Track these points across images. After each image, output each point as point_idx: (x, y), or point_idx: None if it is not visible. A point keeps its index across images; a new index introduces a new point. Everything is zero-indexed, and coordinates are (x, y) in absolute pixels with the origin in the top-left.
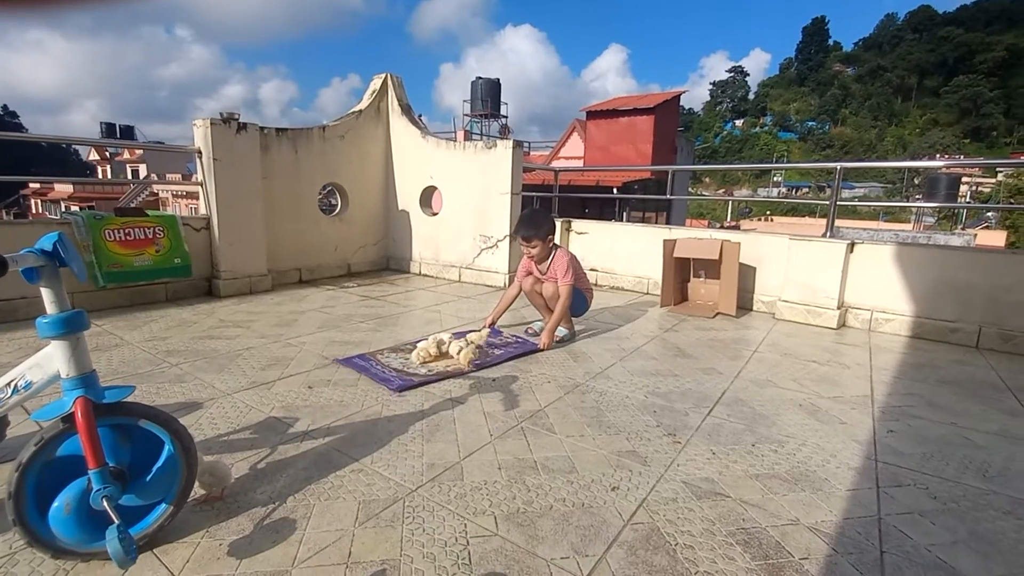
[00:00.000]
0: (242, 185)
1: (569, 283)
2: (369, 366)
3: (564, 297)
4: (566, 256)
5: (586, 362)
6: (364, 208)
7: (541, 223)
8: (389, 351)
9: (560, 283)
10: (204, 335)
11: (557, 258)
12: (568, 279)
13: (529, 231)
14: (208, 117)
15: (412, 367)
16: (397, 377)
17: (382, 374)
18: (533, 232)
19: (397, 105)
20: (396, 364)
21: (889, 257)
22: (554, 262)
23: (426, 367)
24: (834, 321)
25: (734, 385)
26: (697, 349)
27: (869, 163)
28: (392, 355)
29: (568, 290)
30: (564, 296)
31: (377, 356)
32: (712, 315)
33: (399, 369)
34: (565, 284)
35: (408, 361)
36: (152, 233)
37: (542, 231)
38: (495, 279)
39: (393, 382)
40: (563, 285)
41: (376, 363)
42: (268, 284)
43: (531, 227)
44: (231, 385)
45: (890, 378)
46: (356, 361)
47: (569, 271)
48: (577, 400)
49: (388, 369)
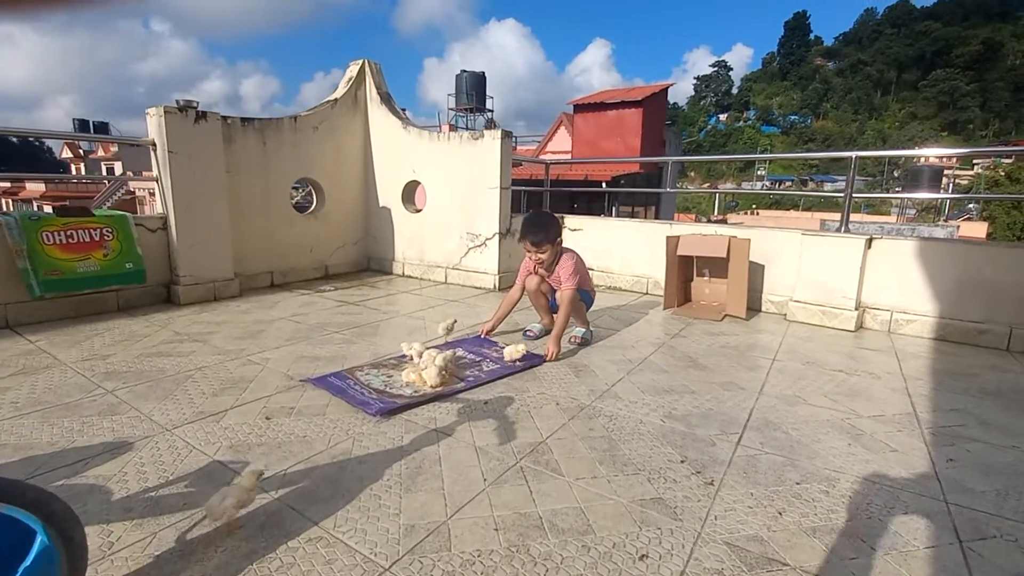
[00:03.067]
0: (203, 180)
1: (572, 287)
2: (346, 386)
3: (567, 303)
4: (572, 258)
5: (589, 377)
6: (342, 205)
7: (549, 225)
8: (369, 367)
9: (564, 286)
10: (153, 352)
11: (563, 260)
12: (572, 283)
13: (538, 235)
14: (162, 105)
15: (396, 386)
16: (378, 399)
17: (360, 396)
18: (543, 236)
19: (376, 93)
20: (377, 383)
21: (910, 253)
22: (559, 264)
23: (411, 387)
24: (852, 323)
25: (760, 403)
26: (710, 358)
27: (883, 152)
28: (373, 372)
29: (571, 295)
30: (567, 302)
31: (355, 374)
32: (720, 317)
33: (380, 389)
34: (568, 288)
35: (391, 379)
36: (99, 235)
37: (551, 234)
38: (484, 280)
39: (372, 405)
40: (566, 289)
41: (354, 382)
42: (235, 289)
43: (539, 230)
44: (173, 417)
45: (928, 390)
46: (331, 381)
47: (575, 274)
48: (584, 427)
49: (367, 390)
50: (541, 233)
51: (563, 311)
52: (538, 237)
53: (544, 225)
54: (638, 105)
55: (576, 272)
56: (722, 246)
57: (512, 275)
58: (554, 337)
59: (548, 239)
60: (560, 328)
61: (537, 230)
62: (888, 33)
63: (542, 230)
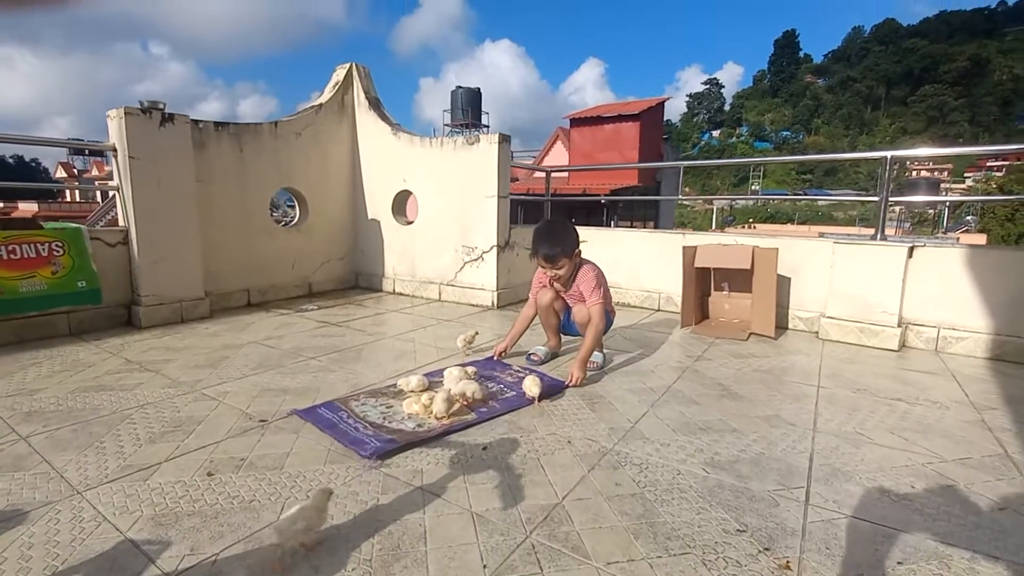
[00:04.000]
0: (169, 189)
1: (600, 302)
2: (338, 420)
3: (596, 319)
4: (593, 270)
5: (607, 411)
6: (327, 217)
7: (563, 235)
8: (366, 396)
9: (588, 303)
10: (92, 385)
11: (582, 273)
12: (598, 297)
13: (553, 248)
14: (124, 106)
15: (397, 418)
16: (374, 436)
17: (353, 433)
18: (558, 249)
19: (364, 98)
20: (375, 415)
21: (957, 263)
22: (579, 278)
23: (415, 420)
24: (895, 341)
25: (819, 444)
26: (744, 385)
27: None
28: (370, 402)
29: (600, 311)
30: (596, 318)
31: (350, 404)
32: (745, 336)
33: (377, 423)
34: (596, 304)
35: (391, 411)
36: (47, 250)
37: (567, 245)
38: (481, 297)
39: (367, 445)
40: (593, 305)
41: (347, 415)
42: (205, 310)
43: (553, 242)
44: (91, 474)
45: (1009, 422)
46: (321, 413)
47: (599, 287)
48: (609, 482)
49: (363, 424)
50: (557, 246)
51: (592, 331)
52: (553, 251)
53: (559, 236)
54: (635, 119)
55: (600, 285)
56: (746, 257)
57: (512, 291)
58: (580, 361)
59: (565, 252)
60: (588, 351)
61: (552, 242)
62: (876, 50)
63: (558, 242)
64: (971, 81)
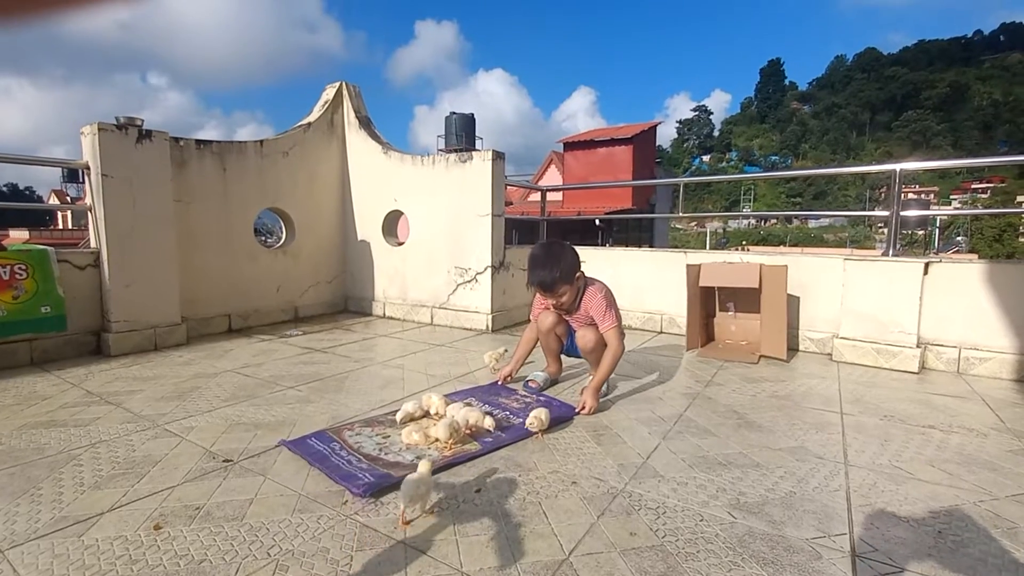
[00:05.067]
0: (144, 209)
1: (615, 326)
2: (330, 452)
3: (614, 345)
4: (601, 291)
5: (615, 444)
6: (315, 238)
7: (560, 258)
8: (361, 424)
9: (602, 328)
10: (44, 420)
11: (589, 295)
12: (611, 321)
13: (552, 273)
14: (98, 122)
15: (394, 449)
16: (368, 469)
17: (346, 466)
18: (556, 274)
19: (354, 117)
20: (370, 446)
21: (976, 279)
22: (586, 300)
23: (413, 451)
24: (914, 363)
25: (854, 480)
26: (761, 413)
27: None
28: (366, 431)
29: (617, 335)
30: (614, 343)
31: (343, 434)
32: (755, 359)
33: (373, 455)
34: (611, 329)
35: (388, 441)
36: (8, 273)
37: (566, 270)
38: (475, 320)
39: (359, 480)
40: (608, 330)
41: (340, 446)
42: (182, 336)
43: (551, 267)
44: (19, 527)
45: None
46: (311, 444)
47: (611, 309)
48: (622, 531)
49: (356, 456)
50: (556, 270)
51: (609, 357)
52: (552, 277)
53: (556, 260)
54: (628, 142)
55: (611, 307)
56: (753, 275)
57: (507, 314)
58: (593, 389)
59: (564, 278)
60: (602, 378)
61: (549, 267)
62: (859, 78)
63: (556, 266)
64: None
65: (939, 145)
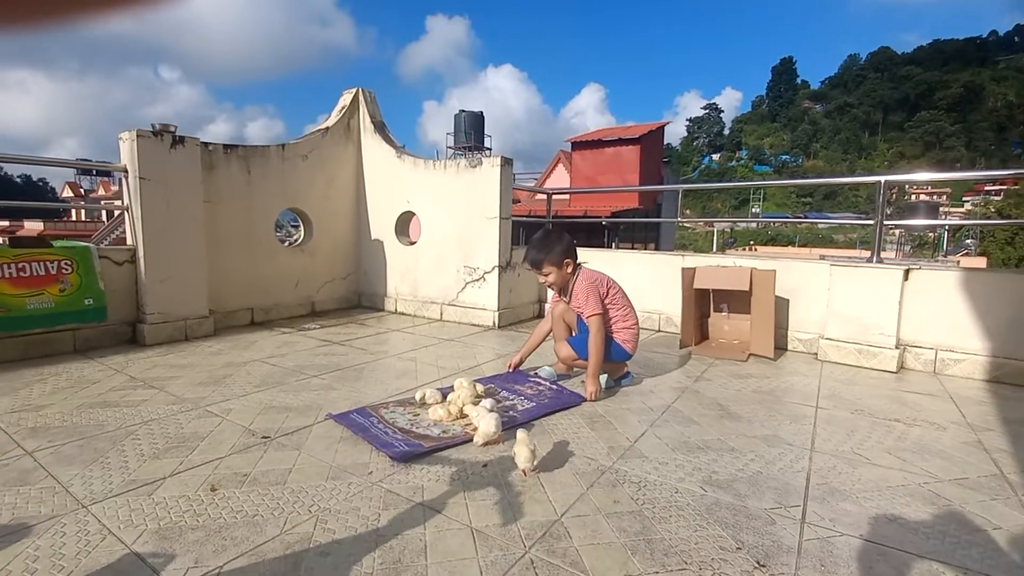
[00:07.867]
0: (178, 210)
1: (597, 313)
2: (369, 424)
3: (593, 331)
4: (587, 279)
5: (606, 429)
6: (331, 237)
7: (551, 244)
8: (395, 404)
9: (584, 315)
10: (97, 401)
11: (576, 283)
12: (592, 308)
13: (540, 254)
14: (135, 128)
15: (423, 425)
16: (403, 440)
17: (384, 436)
18: (542, 255)
19: (370, 122)
20: (403, 422)
21: (954, 285)
22: (574, 289)
23: (439, 426)
24: (893, 363)
25: (816, 464)
26: (743, 406)
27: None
28: (399, 410)
29: (597, 322)
30: (593, 329)
31: (380, 411)
32: (745, 357)
33: (406, 429)
34: (592, 316)
35: (418, 418)
36: (56, 268)
37: (553, 253)
38: (482, 317)
39: (396, 447)
40: (589, 317)
41: (378, 420)
42: (210, 328)
43: (539, 249)
44: (96, 488)
45: (1006, 444)
46: (353, 418)
47: (590, 298)
48: (607, 499)
49: (392, 428)
50: (543, 252)
51: (590, 344)
52: (540, 255)
53: (546, 244)
54: (636, 142)
55: (590, 295)
56: (744, 278)
57: (513, 312)
58: (590, 376)
59: (549, 259)
60: (594, 364)
61: (537, 248)
62: (872, 77)
63: (542, 248)
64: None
65: (952, 146)
